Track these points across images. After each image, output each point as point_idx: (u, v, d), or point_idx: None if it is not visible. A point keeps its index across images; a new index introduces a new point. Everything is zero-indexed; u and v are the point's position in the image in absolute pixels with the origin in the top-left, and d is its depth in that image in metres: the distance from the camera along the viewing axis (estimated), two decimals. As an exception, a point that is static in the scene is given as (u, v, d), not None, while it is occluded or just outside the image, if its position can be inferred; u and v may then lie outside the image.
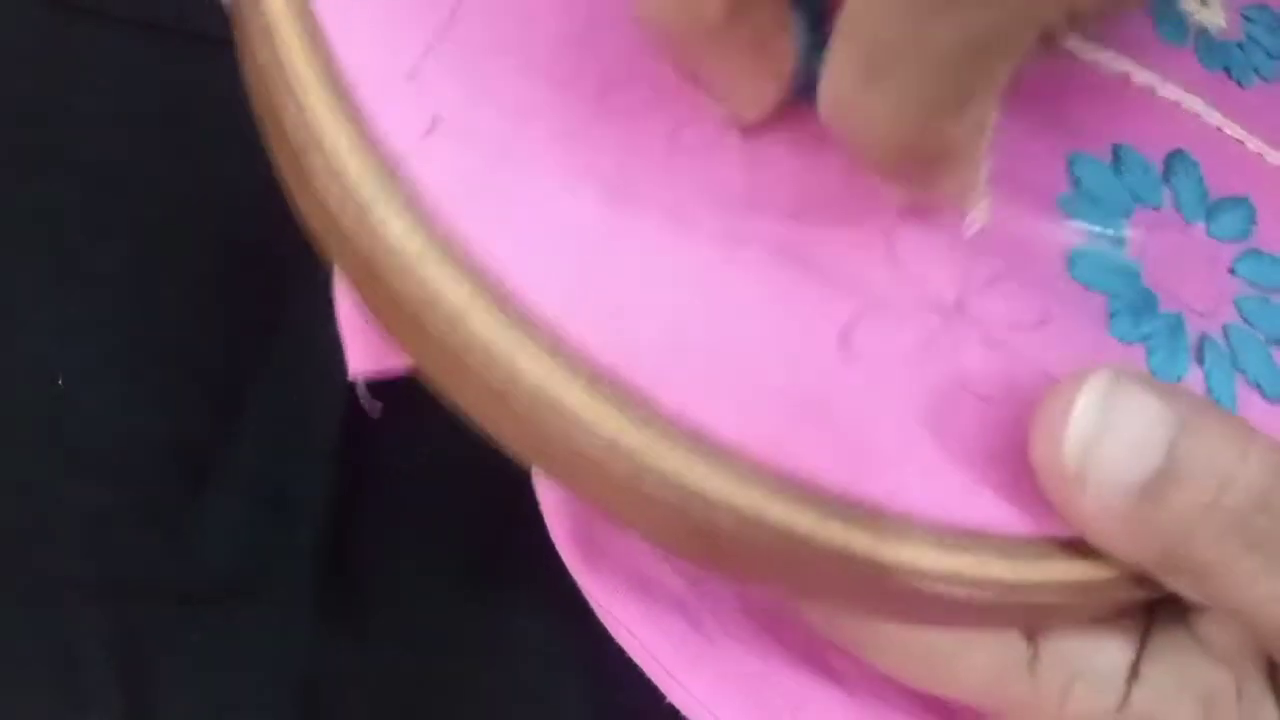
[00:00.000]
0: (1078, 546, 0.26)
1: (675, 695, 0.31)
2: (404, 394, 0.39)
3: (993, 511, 0.25)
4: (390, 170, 0.24)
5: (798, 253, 0.25)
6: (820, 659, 0.32)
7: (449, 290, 0.24)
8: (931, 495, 0.24)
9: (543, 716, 0.38)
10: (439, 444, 0.39)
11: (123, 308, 0.38)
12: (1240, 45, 0.32)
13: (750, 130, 0.26)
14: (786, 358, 0.24)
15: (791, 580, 0.25)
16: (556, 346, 0.24)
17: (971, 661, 0.28)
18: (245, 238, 0.39)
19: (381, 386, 0.39)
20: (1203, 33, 0.31)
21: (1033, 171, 0.28)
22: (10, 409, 0.38)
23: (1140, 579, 0.26)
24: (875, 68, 0.22)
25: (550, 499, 0.31)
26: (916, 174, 0.24)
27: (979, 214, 0.27)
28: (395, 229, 0.24)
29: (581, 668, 0.38)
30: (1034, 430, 0.25)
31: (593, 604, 0.32)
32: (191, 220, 0.39)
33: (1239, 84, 0.31)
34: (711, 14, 0.24)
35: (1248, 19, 0.32)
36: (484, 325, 0.24)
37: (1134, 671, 0.28)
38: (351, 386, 0.39)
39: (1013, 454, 0.25)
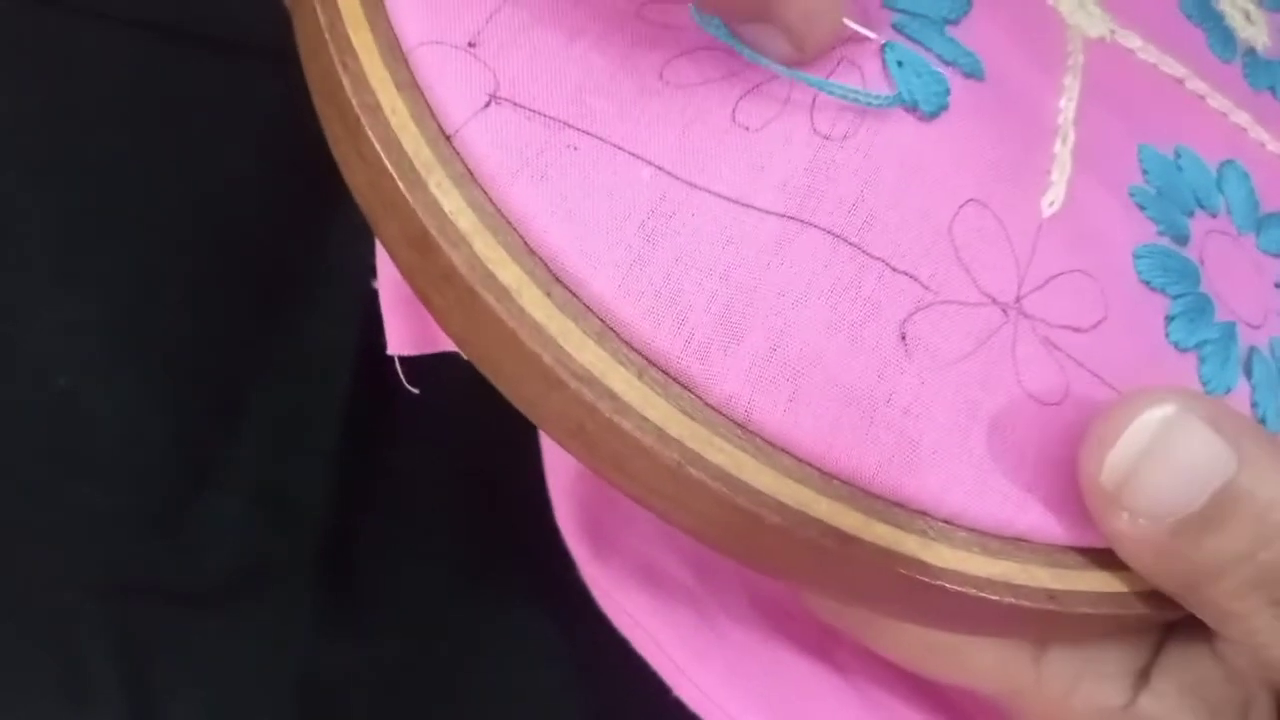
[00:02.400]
0: (1118, 559, 0.25)
1: (682, 687, 0.31)
2: (404, 393, 0.39)
3: (1041, 518, 0.24)
4: (446, 142, 0.24)
5: (858, 241, 0.25)
6: (827, 653, 0.32)
7: (500, 269, 0.23)
8: (980, 499, 0.24)
9: (542, 716, 0.38)
10: (439, 444, 0.40)
11: (123, 308, 0.38)
12: None
13: (816, 102, 0.25)
14: (842, 351, 0.24)
15: (831, 579, 0.25)
16: (607, 331, 0.23)
17: (979, 651, 0.28)
18: (245, 238, 0.39)
19: (383, 387, 0.39)
20: (1250, 51, 0.31)
21: (1108, 154, 0.27)
22: (11, 409, 0.37)
23: (1175, 602, 0.26)
24: None
25: (559, 488, 0.31)
26: None
27: (1057, 192, 0.26)
28: (448, 202, 0.24)
29: (581, 668, 0.38)
30: (1085, 439, 0.24)
31: (598, 596, 0.31)
32: (191, 220, 0.39)
33: None
34: None
35: None
36: (534, 307, 0.23)
37: (1144, 677, 0.28)
38: (352, 387, 0.39)
39: (1063, 461, 0.25)
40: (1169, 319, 0.27)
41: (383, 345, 0.33)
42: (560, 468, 0.32)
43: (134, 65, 0.39)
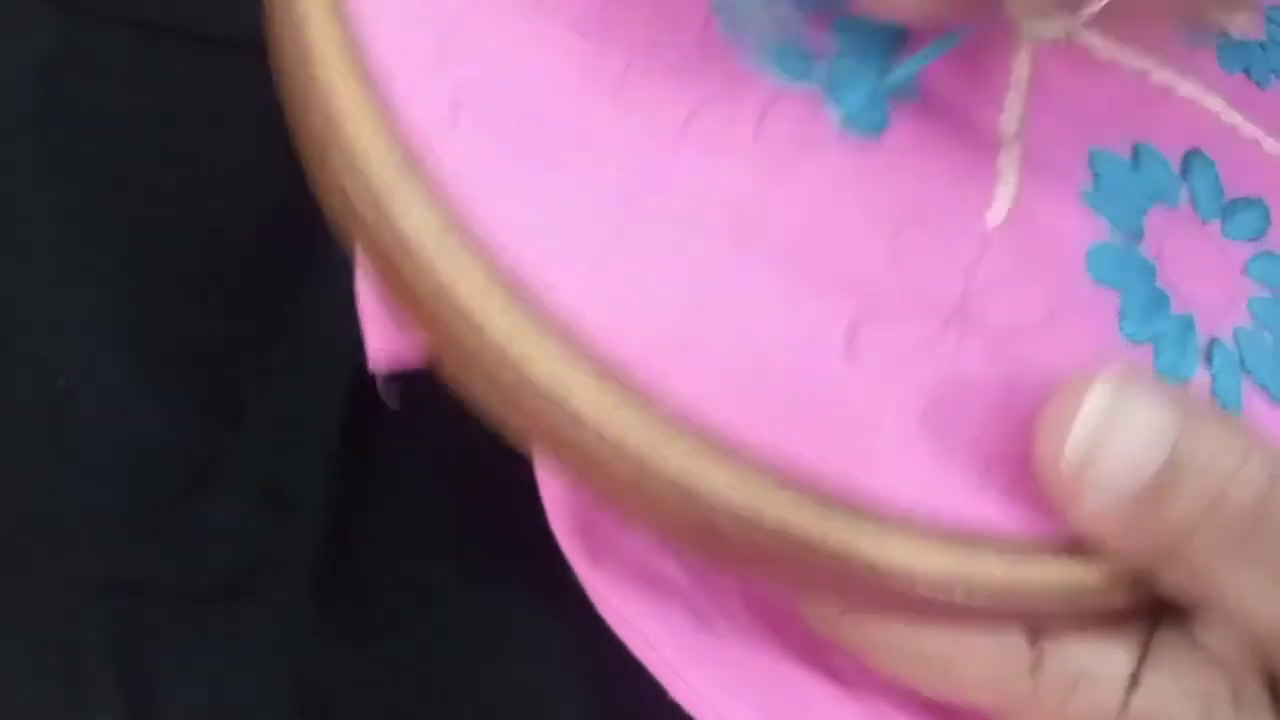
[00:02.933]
0: (1075, 550, 0.26)
1: (678, 690, 0.31)
2: (405, 393, 0.39)
3: (992, 512, 0.25)
4: (411, 157, 0.24)
5: (804, 252, 0.25)
6: (822, 656, 0.32)
7: (463, 281, 0.24)
8: (933, 496, 0.25)
9: (542, 716, 0.38)
10: (439, 444, 0.40)
11: (123, 308, 0.38)
12: (1262, 46, 0.32)
13: (766, 115, 0.26)
14: (792, 357, 0.24)
15: (793, 577, 0.25)
16: (569, 341, 0.24)
17: (972, 664, 0.28)
18: (245, 238, 0.39)
19: (389, 377, 0.39)
20: (1223, 33, 0.31)
21: (1056, 163, 0.28)
22: (11, 409, 0.38)
23: (1137, 583, 0.26)
24: None
25: (551, 491, 0.31)
26: None
27: (1003, 203, 0.27)
28: (413, 219, 0.24)
29: (582, 668, 0.38)
30: (1038, 429, 0.25)
31: (593, 598, 0.32)
32: (191, 220, 0.39)
33: (1258, 85, 0.31)
34: None
35: (1271, 20, 0.32)
36: (498, 317, 0.24)
37: (1135, 677, 0.28)
38: (352, 386, 0.39)
39: (1012, 455, 0.25)
40: (1121, 314, 0.27)
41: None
42: (553, 476, 0.32)
43: (134, 65, 0.39)
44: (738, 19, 0.26)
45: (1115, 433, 0.24)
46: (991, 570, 0.25)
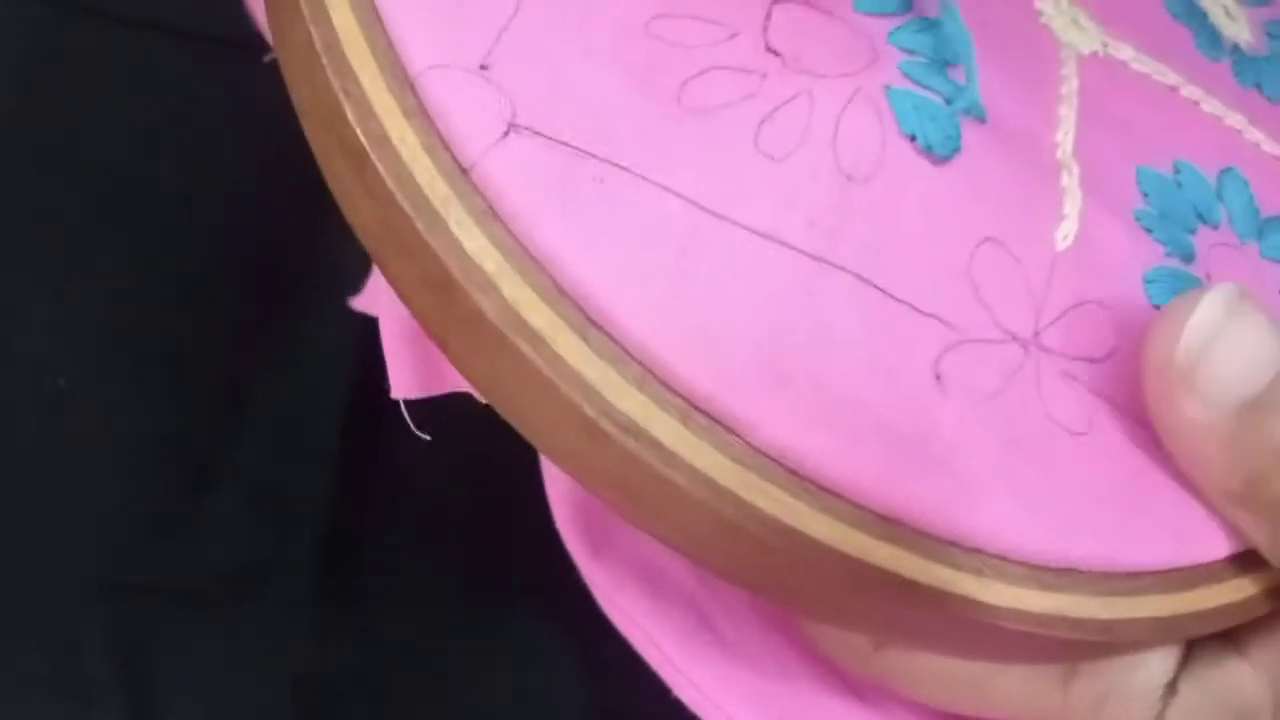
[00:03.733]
0: (1170, 582, 0.25)
1: (682, 689, 0.31)
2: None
3: (1092, 546, 0.24)
4: (463, 176, 0.22)
5: (884, 285, 0.24)
6: (827, 658, 0.32)
7: (531, 312, 0.22)
8: (1031, 532, 0.24)
9: (543, 717, 0.38)
10: (440, 444, 0.39)
11: (123, 307, 0.38)
12: (1268, 60, 0.31)
13: (838, 131, 0.25)
14: (882, 392, 0.23)
15: (889, 623, 0.24)
16: (647, 376, 0.22)
17: (1004, 682, 0.27)
18: (245, 238, 0.39)
19: (384, 387, 0.39)
20: (1235, 49, 0.31)
21: (1109, 181, 0.27)
22: (11, 409, 0.38)
23: (1219, 613, 0.26)
24: None
25: (557, 487, 0.31)
26: None
27: (1070, 225, 0.26)
28: (470, 243, 0.22)
29: (582, 668, 0.38)
30: (1152, 330, 0.25)
31: (597, 595, 0.31)
32: (191, 220, 0.39)
33: (1269, 100, 0.31)
34: None
35: (1272, 36, 0.32)
36: (571, 352, 0.22)
37: (1172, 689, 0.27)
38: (352, 386, 0.39)
39: (1100, 492, 0.24)
40: None
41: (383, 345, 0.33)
42: (558, 473, 0.32)
43: (134, 65, 0.39)
44: None
45: (1228, 338, 0.24)
46: (1090, 608, 0.24)
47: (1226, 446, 0.25)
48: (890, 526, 0.23)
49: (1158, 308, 0.26)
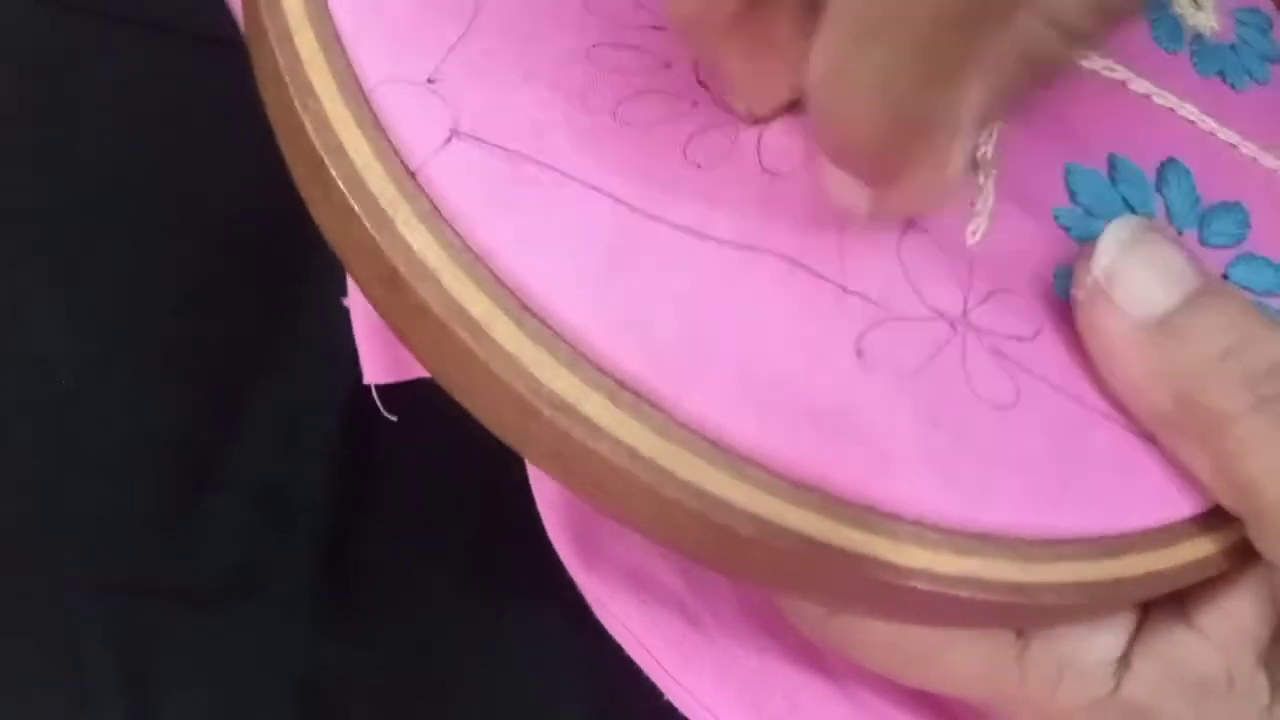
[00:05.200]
0: (1085, 548, 0.26)
1: (673, 692, 0.31)
2: (403, 394, 0.39)
3: (1005, 514, 0.25)
4: (410, 179, 0.24)
5: (811, 264, 0.25)
6: (816, 657, 0.32)
7: (470, 303, 0.24)
8: (946, 499, 0.25)
9: (542, 716, 0.38)
10: (439, 444, 0.40)
11: (123, 307, 0.38)
12: (1233, 48, 0.32)
13: (761, 142, 0.26)
14: (805, 366, 0.24)
15: (808, 585, 0.25)
16: (578, 358, 0.24)
17: (959, 656, 0.28)
18: (245, 238, 0.39)
19: (383, 386, 0.39)
20: (1197, 37, 0.32)
21: (1033, 180, 0.28)
22: (12, 408, 0.38)
23: (1146, 580, 0.26)
24: (863, 36, 0.22)
25: (546, 496, 0.31)
26: (887, 162, 0.24)
27: (981, 222, 0.27)
28: (415, 240, 0.24)
29: (581, 668, 0.38)
30: (1080, 255, 0.26)
31: (589, 600, 0.32)
32: (191, 220, 0.39)
33: (1233, 88, 0.31)
34: (726, 7, 0.24)
35: (1240, 22, 0.32)
36: (506, 338, 0.24)
37: (1125, 663, 0.28)
38: (352, 386, 0.39)
39: (1021, 460, 0.25)
40: None
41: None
42: (547, 481, 0.32)
43: (134, 65, 0.39)
44: None
45: (1139, 251, 0.26)
46: (1005, 571, 0.25)
47: (1151, 362, 0.26)
48: (806, 493, 0.24)
49: (1066, 301, 0.27)
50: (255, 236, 0.39)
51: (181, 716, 0.37)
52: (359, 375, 0.39)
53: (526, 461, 0.32)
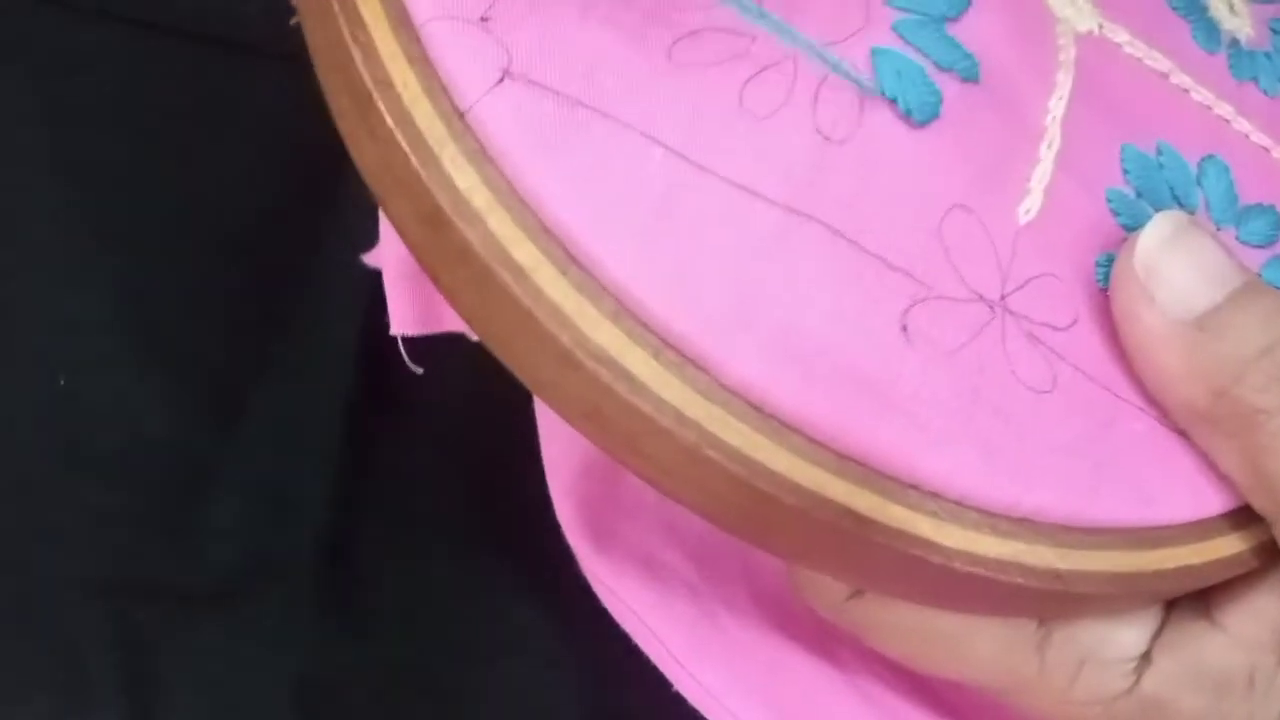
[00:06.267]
0: (1121, 538, 0.26)
1: (682, 682, 0.31)
2: (403, 394, 0.39)
3: (1047, 498, 0.25)
4: (459, 119, 0.24)
5: (855, 236, 0.25)
6: (826, 649, 0.32)
7: (516, 247, 0.23)
8: (989, 480, 0.24)
9: (542, 715, 0.38)
10: (438, 444, 0.40)
11: (124, 307, 0.38)
12: (1268, 55, 0.32)
13: (818, 96, 0.26)
14: (850, 337, 0.24)
15: (843, 561, 0.25)
16: (622, 312, 0.23)
17: (979, 643, 0.28)
18: (245, 238, 0.39)
19: (384, 387, 0.39)
20: (1234, 42, 0.32)
21: (1090, 156, 0.28)
22: (12, 408, 0.38)
23: (1178, 574, 0.26)
24: None
25: (560, 483, 0.31)
26: None
27: (1033, 200, 0.27)
28: (461, 179, 0.23)
29: (581, 666, 0.38)
30: (1122, 250, 0.26)
31: (598, 590, 0.31)
32: (191, 219, 0.39)
33: (1265, 94, 0.31)
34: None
35: (1275, 31, 0.32)
36: (551, 286, 0.23)
37: (1146, 658, 0.28)
38: (352, 386, 0.39)
39: (1060, 446, 0.25)
40: None
41: (383, 344, 0.33)
42: (561, 465, 0.32)
43: (134, 65, 0.39)
44: None
45: (1182, 247, 0.26)
46: (1045, 557, 0.25)
47: (1188, 358, 0.26)
48: (849, 464, 0.24)
49: (1104, 290, 0.27)
50: (255, 236, 0.39)
51: (181, 716, 0.37)
52: (359, 375, 0.39)
53: (543, 448, 0.32)
